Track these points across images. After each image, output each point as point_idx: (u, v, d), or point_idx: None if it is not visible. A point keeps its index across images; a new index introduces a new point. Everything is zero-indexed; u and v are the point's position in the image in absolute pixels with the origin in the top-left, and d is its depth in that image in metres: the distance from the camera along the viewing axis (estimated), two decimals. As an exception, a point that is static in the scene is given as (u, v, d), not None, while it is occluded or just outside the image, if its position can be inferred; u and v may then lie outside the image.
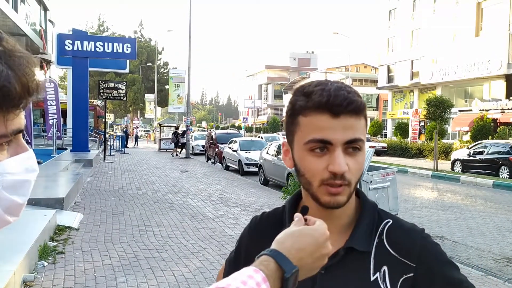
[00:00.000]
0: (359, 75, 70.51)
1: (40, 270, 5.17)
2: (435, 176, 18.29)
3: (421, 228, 1.03)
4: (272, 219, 1.14)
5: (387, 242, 1.00)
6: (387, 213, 1.06)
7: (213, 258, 6.00)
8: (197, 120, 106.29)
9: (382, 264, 0.98)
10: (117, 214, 8.65)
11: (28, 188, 0.86)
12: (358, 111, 0.93)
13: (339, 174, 0.91)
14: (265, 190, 13.16)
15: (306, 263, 0.81)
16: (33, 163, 0.87)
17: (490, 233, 8.51)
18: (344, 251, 0.98)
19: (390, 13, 46.34)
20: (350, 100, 0.92)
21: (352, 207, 1.04)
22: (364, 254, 0.99)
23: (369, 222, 1.02)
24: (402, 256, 0.98)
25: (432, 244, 1.00)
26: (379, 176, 7.85)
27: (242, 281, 0.73)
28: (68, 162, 14.45)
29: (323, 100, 0.92)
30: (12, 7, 23.42)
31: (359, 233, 1.00)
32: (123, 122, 63.03)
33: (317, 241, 0.83)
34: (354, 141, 0.93)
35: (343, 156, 0.92)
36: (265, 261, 0.79)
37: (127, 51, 19.38)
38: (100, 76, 45.82)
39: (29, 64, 0.79)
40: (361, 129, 0.95)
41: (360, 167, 0.95)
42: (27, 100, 0.78)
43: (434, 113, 21.87)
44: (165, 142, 32.01)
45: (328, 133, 0.92)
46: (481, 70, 33.96)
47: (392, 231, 1.02)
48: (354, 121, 0.93)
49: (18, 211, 0.87)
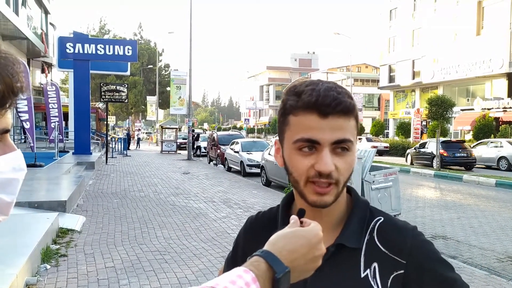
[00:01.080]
0: (360, 75, 70.52)
1: (42, 273, 5.16)
2: (438, 175, 18.27)
3: (413, 226, 1.03)
4: (267, 219, 1.15)
5: (377, 239, 1.01)
6: (379, 211, 1.07)
7: (215, 259, 5.99)
8: (199, 121, 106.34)
9: (372, 260, 0.99)
10: (120, 216, 8.65)
11: (16, 187, 0.87)
12: (347, 112, 0.93)
13: (325, 173, 0.92)
14: (268, 191, 13.15)
15: (298, 264, 0.81)
16: (21, 162, 0.88)
17: (493, 232, 8.49)
18: (334, 248, 0.99)
19: (391, 12, 46.32)
20: (339, 101, 0.92)
21: (343, 204, 1.04)
22: (355, 251, 0.99)
23: (360, 219, 1.03)
24: (393, 253, 0.98)
25: (423, 242, 1.00)
26: (381, 176, 7.84)
27: (231, 280, 0.73)
28: (70, 165, 14.46)
29: (312, 100, 0.93)
30: (13, 11, 23.48)
31: (349, 230, 1.01)
32: (125, 125, 63.15)
33: (310, 242, 0.83)
34: (342, 142, 0.93)
35: (330, 156, 0.92)
36: (255, 261, 0.79)
37: (128, 53, 19.39)
38: (101, 79, 45.85)
39: (14, 65, 0.80)
40: (350, 130, 0.95)
41: (349, 167, 0.96)
42: (12, 100, 0.79)
43: (436, 112, 21.79)
44: (167, 144, 32.02)
45: (316, 133, 0.92)
46: (482, 69, 33.90)
47: (383, 228, 1.02)
48: (342, 122, 0.93)
49: (7, 209, 0.87)
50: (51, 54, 34.76)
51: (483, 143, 23.33)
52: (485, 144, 22.88)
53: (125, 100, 22.43)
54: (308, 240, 0.83)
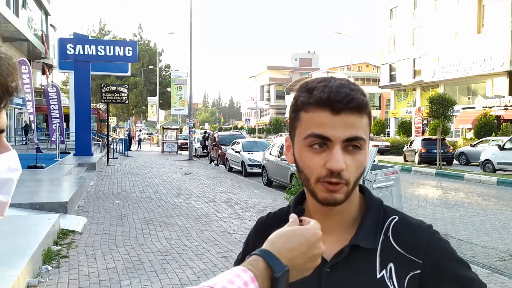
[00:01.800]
0: (361, 74, 70.51)
1: (44, 275, 5.16)
2: (439, 174, 18.24)
3: (429, 225, 1.01)
4: (278, 219, 1.13)
5: (393, 239, 0.99)
6: (393, 210, 1.05)
7: (217, 260, 5.98)
8: (200, 122, 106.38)
9: (388, 261, 0.97)
10: (121, 217, 8.65)
11: (11, 187, 0.86)
12: (360, 109, 0.92)
13: (336, 171, 0.90)
14: (269, 191, 13.14)
15: (297, 263, 0.80)
16: (16, 163, 0.88)
17: (495, 230, 8.47)
18: (349, 249, 0.97)
19: (391, 11, 46.28)
20: (352, 98, 0.90)
21: (356, 204, 1.02)
22: (370, 252, 0.98)
23: (374, 219, 1.01)
24: (409, 253, 0.96)
25: (440, 241, 0.98)
26: (383, 175, 7.82)
27: (229, 280, 0.72)
28: (71, 166, 14.48)
29: (324, 96, 0.91)
30: (14, 12, 23.49)
31: (364, 230, 0.99)
32: (126, 125, 63.17)
33: (309, 241, 0.82)
34: (354, 139, 0.91)
35: (341, 154, 0.91)
36: (254, 260, 0.78)
37: (129, 54, 19.42)
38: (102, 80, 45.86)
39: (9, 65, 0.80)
40: (363, 128, 0.93)
41: (360, 166, 0.94)
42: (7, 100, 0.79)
43: (437, 111, 21.82)
44: (168, 145, 32.02)
45: (328, 129, 0.91)
46: (483, 67, 33.87)
47: (398, 227, 1.00)
48: (355, 119, 0.91)
49: (2, 210, 0.87)
50: (51, 56, 34.79)
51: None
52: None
53: (126, 101, 22.44)
54: (307, 239, 0.82)
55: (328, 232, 1.00)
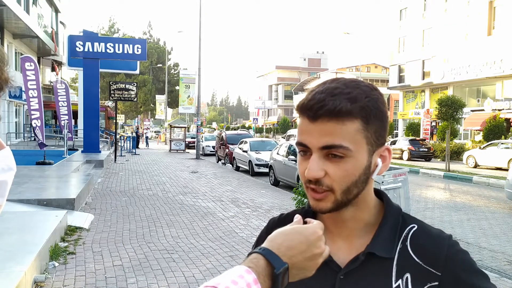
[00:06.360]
0: (369, 75, 70.17)
1: (51, 271, 5.18)
2: (447, 176, 18.13)
3: (449, 235, 0.98)
4: (290, 220, 1.12)
5: (411, 248, 0.96)
6: (412, 218, 1.02)
7: (223, 259, 5.98)
8: (208, 121, 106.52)
9: (405, 271, 0.94)
10: (128, 214, 8.67)
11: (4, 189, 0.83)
12: (338, 115, 0.87)
13: (311, 179, 0.90)
14: (276, 190, 13.12)
15: (297, 261, 0.80)
16: (10, 161, 0.84)
17: (504, 234, 8.40)
18: (365, 257, 0.95)
19: (401, 12, 46.01)
20: (322, 105, 0.87)
21: (370, 210, 1.00)
22: (386, 260, 0.95)
23: (392, 227, 0.98)
24: (427, 264, 0.93)
25: (460, 252, 0.94)
26: (391, 176, 7.78)
27: (232, 280, 0.72)
28: (79, 163, 14.54)
29: (300, 103, 0.92)
30: (24, 9, 23.65)
31: (381, 238, 0.96)
32: (134, 123, 63.40)
33: (308, 239, 0.82)
34: (331, 147, 0.88)
35: (318, 161, 0.89)
36: (254, 258, 0.78)
37: (138, 52, 19.48)
38: (111, 77, 46.11)
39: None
40: (344, 135, 0.88)
41: (348, 175, 0.90)
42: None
43: (446, 113, 21.63)
44: (176, 143, 32.08)
45: (306, 137, 0.91)
46: (493, 69, 33.59)
47: (417, 236, 0.97)
48: (332, 126, 0.88)
49: None
50: (61, 53, 35.01)
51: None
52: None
53: (134, 99, 22.52)
54: (306, 237, 0.82)
55: (342, 238, 0.99)
